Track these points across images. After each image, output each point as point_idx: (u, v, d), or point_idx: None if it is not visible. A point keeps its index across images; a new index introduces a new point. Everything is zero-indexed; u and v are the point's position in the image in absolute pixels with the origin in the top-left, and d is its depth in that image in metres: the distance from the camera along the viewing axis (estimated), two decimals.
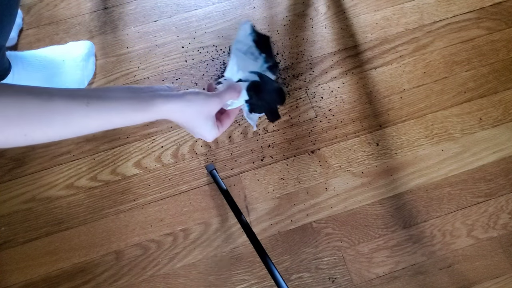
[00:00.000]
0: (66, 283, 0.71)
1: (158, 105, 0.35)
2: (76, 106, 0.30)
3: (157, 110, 0.35)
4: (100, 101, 0.32)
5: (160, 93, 0.36)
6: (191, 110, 0.38)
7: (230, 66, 0.47)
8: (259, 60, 0.48)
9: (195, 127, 0.40)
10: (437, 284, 0.71)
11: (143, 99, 0.34)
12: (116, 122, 0.34)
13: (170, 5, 0.88)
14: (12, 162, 0.77)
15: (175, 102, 0.36)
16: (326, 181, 0.76)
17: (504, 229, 0.74)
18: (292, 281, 0.71)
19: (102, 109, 0.32)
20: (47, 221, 0.74)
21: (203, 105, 0.38)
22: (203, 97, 0.38)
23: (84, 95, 0.31)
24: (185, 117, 0.38)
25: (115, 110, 0.33)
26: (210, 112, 0.40)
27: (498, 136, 0.79)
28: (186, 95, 0.37)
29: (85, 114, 0.31)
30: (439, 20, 0.87)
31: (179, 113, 0.37)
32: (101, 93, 0.33)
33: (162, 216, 0.74)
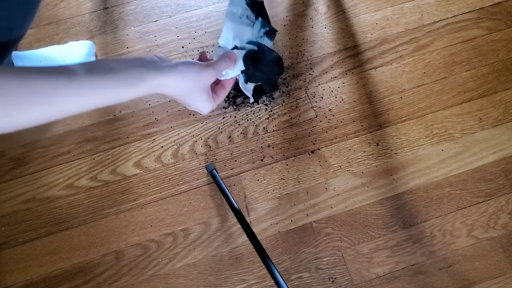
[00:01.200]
0: (66, 283, 0.71)
1: (149, 79, 0.33)
2: (59, 84, 0.28)
3: (148, 85, 0.33)
4: (87, 77, 0.30)
5: (151, 66, 0.34)
6: (185, 83, 0.36)
7: (225, 32, 0.44)
8: (256, 25, 0.44)
9: (190, 100, 0.38)
10: (437, 284, 0.71)
11: (133, 74, 0.32)
12: (105, 99, 0.31)
13: (170, 5, 0.88)
14: (12, 162, 0.77)
15: (167, 75, 0.34)
16: (326, 181, 0.76)
17: (504, 229, 0.74)
18: (292, 281, 0.71)
19: (89, 85, 0.30)
20: (47, 221, 0.74)
21: (197, 77, 0.36)
22: (197, 69, 0.36)
23: (69, 72, 0.29)
24: (179, 90, 0.36)
25: (104, 86, 0.31)
26: (205, 84, 0.38)
27: (498, 136, 0.79)
28: (179, 66, 0.35)
29: (71, 91, 0.29)
30: (439, 20, 0.87)
31: (172, 87, 0.35)
32: (87, 69, 0.30)
33: (162, 216, 0.74)
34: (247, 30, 0.44)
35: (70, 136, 0.79)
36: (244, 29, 0.44)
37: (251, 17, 0.44)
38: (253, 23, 0.44)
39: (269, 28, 0.44)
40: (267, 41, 0.44)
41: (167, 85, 0.35)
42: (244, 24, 0.44)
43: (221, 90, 0.43)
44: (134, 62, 0.34)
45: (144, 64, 0.33)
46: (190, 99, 0.38)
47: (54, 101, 0.28)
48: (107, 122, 0.80)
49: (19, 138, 0.78)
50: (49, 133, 0.79)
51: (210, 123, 0.80)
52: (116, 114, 0.80)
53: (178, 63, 0.35)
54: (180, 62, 0.36)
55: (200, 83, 0.37)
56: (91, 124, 0.79)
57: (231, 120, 0.80)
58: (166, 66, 0.34)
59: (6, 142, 0.78)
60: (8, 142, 0.78)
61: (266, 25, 0.44)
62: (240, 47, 0.43)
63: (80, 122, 0.79)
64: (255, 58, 0.43)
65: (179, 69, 0.35)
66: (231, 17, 0.44)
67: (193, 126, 0.79)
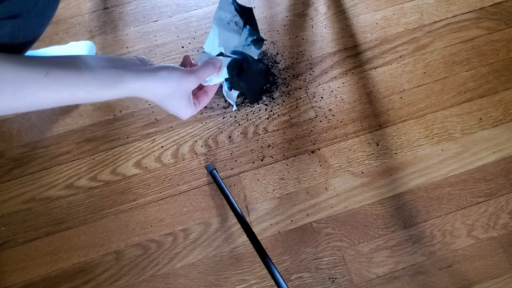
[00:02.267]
0: (66, 283, 0.71)
1: (127, 82, 0.32)
2: (32, 76, 0.27)
3: (126, 88, 0.32)
4: (63, 72, 0.28)
5: (130, 68, 0.32)
6: (165, 89, 0.34)
7: (211, 37, 0.43)
8: (243, 32, 0.43)
9: (169, 106, 0.37)
10: (437, 284, 0.71)
11: (111, 75, 0.31)
12: (79, 97, 0.30)
13: (170, 5, 0.88)
14: (12, 162, 0.77)
15: (147, 80, 0.33)
16: (326, 181, 0.76)
17: (504, 229, 0.74)
18: (292, 281, 0.71)
19: (64, 81, 0.28)
20: (47, 221, 0.74)
21: (178, 84, 0.35)
22: (178, 75, 0.35)
23: (45, 64, 0.28)
24: (158, 95, 0.35)
25: (78, 84, 0.29)
26: (186, 91, 0.37)
27: (498, 136, 0.79)
28: (159, 71, 0.34)
29: (43, 85, 0.27)
30: (439, 20, 0.87)
31: (151, 92, 0.34)
32: (65, 63, 0.29)
33: (162, 216, 0.74)
34: (234, 37, 0.43)
35: (70, 136, 0.79)
36: (231, 36, 0.43)
37: (239, 24, 0.43)
38: (241, 30, 0.44)
39: (256, 36, 0.44)
40: (254, 50, 0.44)
41: (146, 90, 0.33)
42: (231, 30, 0.43)
43: (203, 96, 0.42)
44: (114, 63, 0.32)
45: (124, 66, 0.32)
46: (169, 104, 0.37)
47: (21, 95, 0.27)
48: (107, 122, 0.80)
49: (19, 138, 0.78)
50: (49, 133, 0.79)
51: (210, 123, 0.80)
52: (116, 114, 0.80)
53: (159, 67, 0.34)
54: (161, 66, 0.35)
55: (181, 89, 0.36)
56: (91, 124, 0.79)
57: (231, 120, 0.80)
58: (147, 70, 0.33)
59: (6, 142, 0.78)
60: (8, 142, 0.78)
61: (254, 33, 0.44)
62: (225, 54, 0.42)
63: (80, 122, 0.79)
64: (239, 67, 0.42)
65: (159, 74, 0.34)
66: (219, 22, 0.43)
67: (193, 126, 0.79)
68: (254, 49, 0.44)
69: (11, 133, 0.78)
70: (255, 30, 0.44)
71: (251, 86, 0.44)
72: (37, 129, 0.79)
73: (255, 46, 0.44)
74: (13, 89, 0.26)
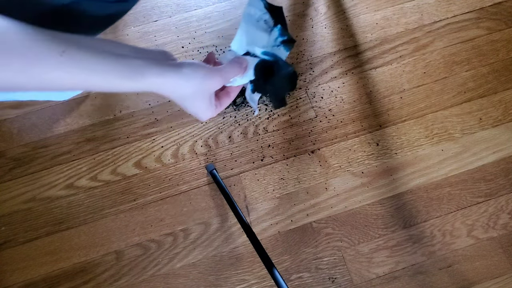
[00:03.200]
0: (66, 283, 0.71)
1: (148, 76, 0.29)
2: (45, 52, 0.24)
3: (146, 82, 0.29)
4: (81, 53, 0.26)
5: (153, 62, 0.30)
6: (187, 87, 0.32)
7: (239, 35, 0.40)
8: (273, 32, 0.40)
9: (189, 105, 0.34)
10: (437, 284, 0.71)
11: (133, 66, 0.29)
12: (95, 84, 0.27)
13: (170, 5, 0.88)
14: (12, 162, 0.77)
15: (169, 76, 0.30)
16: (326, 181, 0.76)
17: (504, 229, 0.74)
18: (292, 281, 0.71)
19: (80, 64, 0.26)
20: (47, 221, 0.74)
21: (202, 83, 0.32)
22: (203, 73, 0.32)
23: (62, 41, 0.25)
24: (179, 94, 0.32)
25: (97, 70, 0.27)
26: (209, 91, 0.34)
27: (498, 136, 0.79)
28: (183, 68, 0.31)
29: (57, 65, 0.25)
30: (439, 20, 0.87)
31: (172, 89, 0.32)
32: (84, 44, 0.26)
33: (162, 216, 0.74)
34: (263, 36, 0.40)
35: (70, 136, 0.79)
36: (260, 35, 0.40)
37: (269, 22, 0.40)
38: (270, 29, 0.40)
39: (287, 37, 0.40)
40: (283, 51, 0.41)
41: (166, 87, 0.31)
42: (260, 29, 0.40)
43: (225, 98, 0.39)
44: (137, 53, 0.30)
45: (147, 58, 0.30)
46: (190, 104, 0.34)
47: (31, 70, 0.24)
48: (107, 122, 0.80)
49: (19, 138, 0.78)
50: (50, 133, 0.79)
51: (210, 123, 0.80)
52: (116, 114, 0.80)
53: (183, 63, 0.32)
54: (185, 62, 0.32)
55: (204, 89, 0.33)
56: (91, 124, 0.79)
57: (231, 120, 0.80)
58: (169, 66, 0.31)
59: (6, 141, 0.78)
60: (8, 142, 0.78)
61: (284, 34, 0.40)
62: (252, 53, 0.39)
63: (80, 122, 0.80)
64: (268, 70, 0.39)
65: (183, 71, 0.31)
66: (248, 19, 0.40)
67: (193, 126, 0.79)
68: (283, 50, 0.41)
69: (12, 132, 0.79)
70: (286, 30, 0.40)
71: (278, 91, 0.41)
72: (37, 129, 0.79)
73: (284, 47, 0.41)
74: (21, 63, 0.23)
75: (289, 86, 0.40)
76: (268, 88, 0.40)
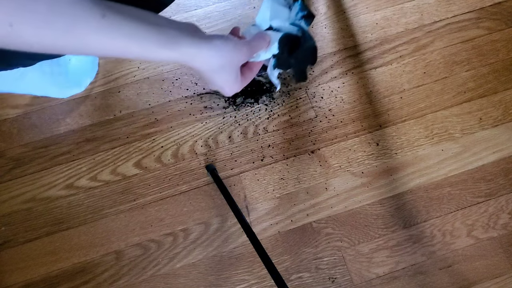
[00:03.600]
0: (66, 283, 0.71)
1: (184, 46, 0.30)
2: (87, 14, 0.24)
3: (181, 51, 0.30)
4: (121, 19, 0.26)
5: (187, 32, 0.31)
6: (218, 59, 0.33)
7: (263, 10, 0.41)
8: (294, 7, 0.41)
9: (218, 78, 0.35)
10: (437, 284, 0.71)
11: (170, 35, 0.29)
12: (132, 51, 0.28)
13: (170, 5, 0.88)
14: (12, 162, 0.77)
15: (201, 47, 0.31)
16: (326, 181, 0.76)
17: (504, 229, 0.74)
18: (292, 281, 0.71)
19: (121, 29, 0.26)
20: (47, 221, 0.74)
21: (232, 55, 0.33)
22: (233, 45, 0.33)
23: (103, 6, 0.25)
24: (210, 66, 0.33)
25: (136, 36, 0.27)
26: (238, 63, 0.35)
27: (498, 136, 0.79)
28: (214, 40, 0.32)
29: (98, 28, 0.25)
30: (439, 20, 0.87)
31: (203, 61, 0.32)
32: (126, 11, 0.27)
33: (162, 216, 0.74)
34: (284, 11, 0.41)
35: (70, 136, 0.79)
36: (282, 10, 0.41)
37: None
38: (290, 5, 0.41)
39: (307, 12, 0.41)
40: (304, 26, 0.41)
41: (199, 58, 0.32)
42: (282, 4, 0.41)
43: (248, 73, 0.40)
44: (171, 23, 0.31)
45: (181, 29, 0.31)
46: (219, 77, 0.35)
47: (73, 32, 0.24)
48: (107, 122, 0.80)
49: (19, 138, 0.78)
50: (49, 133, 0.79)
51: (210, 123, 0.80)
52: (116, 114, 0.80)
53: (214, 36, 0.33)
54: (216, 35, 0.33)
55: (233, 61, 0.34)
56: (91, 124, 0.79)
57: (231, 120, 0.80)
58: (201, 37, 0.32)
59: (6, 141, 0.78)
60: (8, 141, 0.78)
61: (304, 8, 0.41)
62: (275, 28, 0.40)
63: (80, 122, 0.79)
64: (293, 43, 0.39)
65: (214, 43, 0.32)
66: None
67: (193, 126, 0.79)
68: (304, 25, 0.41)
69: (12, 132, 0.79)
70: (305, 5, 0.41)
71: (301, 64, 0.41)
72: (37, 129, 0.79)
73: (305, 22, 0.41)
74: (64, 23, 0.23)
75: (311, 59, 0.41)
76: (292, 62, 0.41)
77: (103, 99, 0.81)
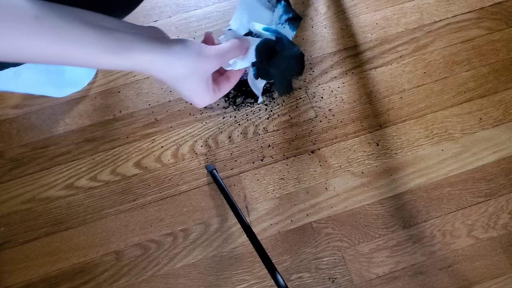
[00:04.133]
0: (66, 283, 0.71)
1: (135, 52, 0.26)
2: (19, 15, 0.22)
3: (132, 58, 0.27)
4: (58, 21, 0.23)
5: (141, 37, 0.27)
6: (179, 67, 0.29)
7: (238, 12, 0.36)
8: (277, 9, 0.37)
9: (183, 89, 0.31)
10: (437, 284, 0.71)
11: (120, 40, 0.26)
12: (75, 57, 0.25)
13: (170, 5, 0.88)
14: (11, 163, 0.77)
15: (158, 53, 0.27)
16: (326, 181, 0.76)
17: (504, 229, 0.74)
18: (292, 281, 0.71)
19: (59, 32, 0.23)
20: (46, 221, 0.74)
21: (196, 63, 0.29)
22: (196, 53, 0.29)
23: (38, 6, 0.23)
24: (170, 74, 0.29)
25: (78, 41, 0.24)
26: (205, 73, 0.31)
27: (498, 136, 0.79)
28: (174, 46, 0.28)
29: (32, 31, 0.22)
30: (439, 20, 0.87)
31: (161, 69, 0.28)
32: (66, 12, 0.24)
33: (162, 216, 0.74)
34: (266, 14, 0.36)
35: (69, 136, 0.78)
36: (262, 12, 0.36)
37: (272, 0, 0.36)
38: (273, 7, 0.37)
39: (292, 14, 0.36)
40: (289, 31, 0.37)
41: (155, 66, 0.28)
42: (263, 5, 0.37)
43: (224, 83, 0.35)
44: (123, 27, 0.27)
45: (135, 33, 0.27)
46: (183, 87, 0.31)
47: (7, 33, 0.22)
48: (107, 122, 0.79)
49: (18, 138, 0.78)
50: (49, 133, 0.78)
51: (210, 123, 0.79)
52: (116, 114, 0.80)
53: (175, 40, 0.29)
54: (178, 40, 0.29)
55: (198, 70, 0.30)
56: (90, 124, 0.79)
57: (231, 120, 0.80)
58: (160, 42, 0.28)
59: (5, 142, 0.78)
60: (7, 142, 0.78)
61: (289, 11, 0.36)
62: (255, 33, 0.35)
63: (80, 122, 0.79)
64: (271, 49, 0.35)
65: (174, 49, 0.28)
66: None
67: (193, 126, 0.79)
68: (288, 29, 0.37)
69: (11, 133, 0.78)
70: (290, 7, 0.37)
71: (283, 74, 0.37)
72: (36, 129, 0.79)
73: (290, 26, 0.37)
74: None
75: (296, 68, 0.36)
76: (272, 71, 0.36)
77: (103, 99, 0.81)
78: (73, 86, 0.79)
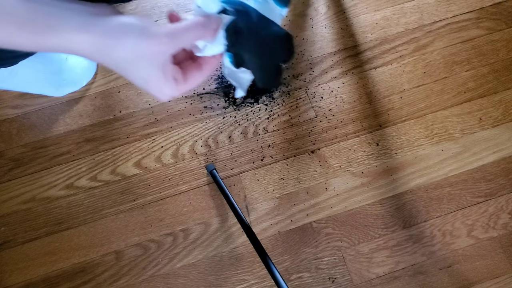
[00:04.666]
0: (66, 283, 0.71)
1: (63, 31, 0.22)
2: None
3: (61, 37, 0.22)
4: None
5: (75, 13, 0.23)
6: (118, 51, 0.23)
7: None
8: None
9: (133, 77, 0.26)
10: (437, 284, 0.71)
11: (44, 14, 0.21)
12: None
13: (170, 5, 0.88)
14: (11, 162, 0.77)
15: (89, 34, 0.22)
16: (326, 181, 0.76)
17: (504, 229, 0.74)
18: (292, 281, 0.71)
19: None
20: (46, 221, 0.74)
21: (138, 45, 0.23)
22: (139, 32, 0.23)
23: None
24: (110, 59, 0.24)
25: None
26: (156, 57, 0.25)
27: (498, 136, 0.79)
28: (112, 25, 0.23)
29: None
30: (439, 20, 0.87)
31: (96, 52, 0.23)
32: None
33: (162, 216, 0.74)
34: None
35: (69, 136, 0.78)
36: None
37: None
38: None
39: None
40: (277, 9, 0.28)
41: (88, 47, 0.23)
42: None
43: (194, 72, 0.29)
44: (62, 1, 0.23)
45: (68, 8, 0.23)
46: (133, 75, 0.25)
47: None
48: (107, 122, 0.79)
49: (19, 138, 0.78)
50: (49, 133, 0.78)
51: (210, 123, 0.80)
52: (116, 114, 0.80)
53: (114, 17, 0.24)
54: (118, 17, 0.24)
55: (146, 54, 0.24)
56: (90, 124, 0.79)
57: (231, 120, 0.80)
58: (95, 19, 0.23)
59: (5, 142, 0.78)
60: (7, 142, 0.78)
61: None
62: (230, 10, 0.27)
63: (80, 122, 0.79)
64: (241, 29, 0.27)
65: (111, 28, 0.23)
66: None
67: (193, 126, 0.79)
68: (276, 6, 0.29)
69: (11, 133, 0.78)
70: None
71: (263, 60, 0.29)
72: (37, 129, 0.79)
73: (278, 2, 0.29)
74: None
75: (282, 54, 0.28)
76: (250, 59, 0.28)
77: (103, 99, 0.81)
78: (72, 86, 0.79)
